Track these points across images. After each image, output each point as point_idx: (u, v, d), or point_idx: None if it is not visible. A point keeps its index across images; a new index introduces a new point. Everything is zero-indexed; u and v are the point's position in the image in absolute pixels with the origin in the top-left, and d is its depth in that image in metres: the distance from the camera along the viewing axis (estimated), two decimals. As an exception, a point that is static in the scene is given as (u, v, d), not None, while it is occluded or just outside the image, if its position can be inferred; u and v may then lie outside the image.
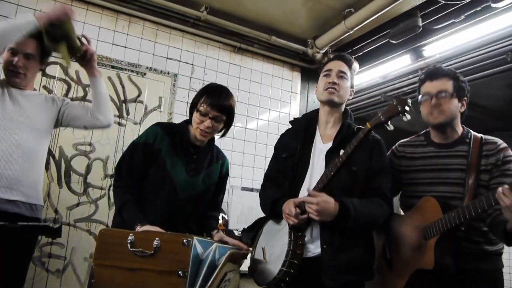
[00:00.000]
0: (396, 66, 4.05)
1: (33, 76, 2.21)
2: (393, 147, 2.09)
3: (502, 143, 1.82)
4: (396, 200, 2.15)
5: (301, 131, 1.98)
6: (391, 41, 3.73)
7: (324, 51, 4.22)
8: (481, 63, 3.33)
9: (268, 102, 4.36)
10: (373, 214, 1.76)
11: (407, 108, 1.57)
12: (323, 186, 1.72)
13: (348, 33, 3.77)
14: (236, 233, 3.54)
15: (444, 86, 1.86)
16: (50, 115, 2.23)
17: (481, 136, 1.88)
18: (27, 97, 2.15)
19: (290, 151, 1.94)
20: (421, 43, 3.77)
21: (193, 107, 2.00)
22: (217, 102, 1.93)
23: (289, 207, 1.74)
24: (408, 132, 2.20)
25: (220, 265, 1.35)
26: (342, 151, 1.70)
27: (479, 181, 1.77)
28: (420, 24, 3.42)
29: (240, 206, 3.86)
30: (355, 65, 2.05)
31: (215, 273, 1.36)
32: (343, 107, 1.99)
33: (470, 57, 3.39)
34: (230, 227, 3.74)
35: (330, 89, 1.89)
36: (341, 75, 1.92)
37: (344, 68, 1.95)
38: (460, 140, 1.89)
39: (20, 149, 2.03)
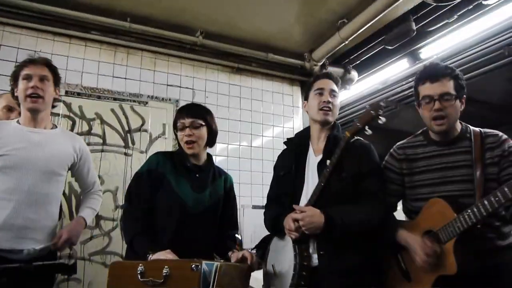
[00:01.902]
0: (394, 71, 4.07)
1: (50, 100, 2.17)
2: (391, 150, 2.03)
3: (503, 135, 1.78)
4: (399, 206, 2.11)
5: (295, 149, 2.07)
6: (387, 47, 3.75)
7: (321, 63, 4.25)
8: (479, 60, 3.33)
9: (271, 119, 4.38)
10: (364, 219, 1.78)
11: (380, 111, 1.62)
12: (317, 198, 1.78)
13: (344, 43, 3.79)
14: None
15: (446, 88, 1.78)
16: (67, 160, 2.21)
17: (480, 130, 1.83)
18: (45, 135, 2.13)
19: (286, 168, 2.03)
20: (417, 46, 3.79)
21: (175, 131, 2.12)
22: (186, 111, 2.06)
23: (288, 222, 1.80)
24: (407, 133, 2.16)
25: (215, 281, 1.35)
26: (328, 161, 1.76)
27: (488, 175, 1.72)
28: (414, 27, 3.44)
29: (253, 224, 3.84)
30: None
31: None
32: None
33: (468, 55, 3.39)
34: (245, 246, 3.72)
35: (325, 109, 1.97)
36: (333, 94, 2.01)
37: (334, 87, 2.04)
38: (461, 137, 1.84)
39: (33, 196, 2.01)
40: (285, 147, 2.23)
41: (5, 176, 1.94)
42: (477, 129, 1.84)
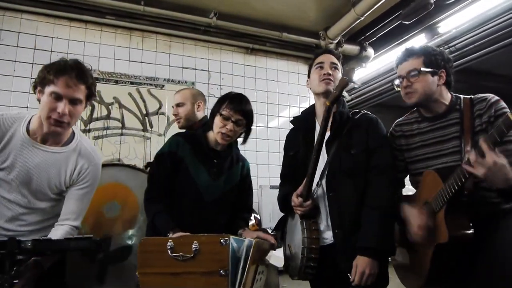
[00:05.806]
0: (412, 46, 3.98)
1: (75, 122, 1.86)
2: (391, 128, 2.08)
3: (492, 97, 1.74)
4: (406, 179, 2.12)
5: (302, 128, 2.07)
6: (404, 22, 3.67)
7: (336, 41, 4.20)
8: (500, 33, 3.23)
9: (287, 99, 4.37)
10: (391, 216, 1.81)
11: (352, 75, 1.69)
12: (312, 171, 1.77)
13: (359, 20, 3.74)
14: (270, 231, 3.56)
15: (413, 66, 1.85)
16: (60, 186, 1.85)
17: (471, 97, 1.82)
18: (47, 156, 1.81)
19: (295, 147, 2.04)
20: (435, 20, 3.69)
21: (215, 113, 2.04)
22: (239, 106, 2.00)
23: (293, 199, 1.84)
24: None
25: (250, 256, 1.39)
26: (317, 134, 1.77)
27: (477, 143, 1.66)
28: (432, 0, 3.36)
29: (271, 204, 3.88)
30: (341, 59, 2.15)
31: (247, 265, 1.40)
32: None
33: (488, 28, 3.30)
34: (264, 226, 3.77)
35: (326, 80, 1.95)
36: (333, 66, 1.99)
37: (335, 60, 2.02)
38: (450, 109, 1.85)
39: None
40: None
41: (5, 185, 1.76)
42: (468, 97, 1.85)
